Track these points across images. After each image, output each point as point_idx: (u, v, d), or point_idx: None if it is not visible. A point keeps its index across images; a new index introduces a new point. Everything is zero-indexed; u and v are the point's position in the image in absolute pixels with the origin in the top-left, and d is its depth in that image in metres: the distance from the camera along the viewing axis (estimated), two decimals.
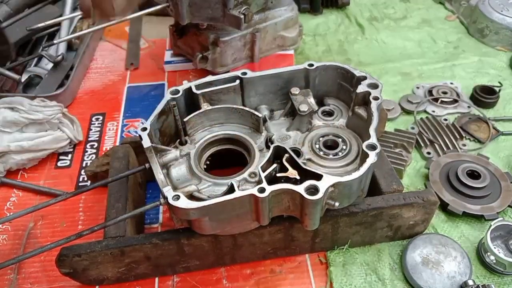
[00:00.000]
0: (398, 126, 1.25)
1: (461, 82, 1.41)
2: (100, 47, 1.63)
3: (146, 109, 1.34)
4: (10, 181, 1.13)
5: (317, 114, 0.97)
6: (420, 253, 0.92)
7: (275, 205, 0.77)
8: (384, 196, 0.89)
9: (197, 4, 1.16)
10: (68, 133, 1.18)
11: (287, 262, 0.95)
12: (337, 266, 0.93)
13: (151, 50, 1.60)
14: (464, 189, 1.03)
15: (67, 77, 1.38)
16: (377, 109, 0.85)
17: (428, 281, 0.88)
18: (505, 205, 1.02)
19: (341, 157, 0.88)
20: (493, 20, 1.55)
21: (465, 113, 1.30)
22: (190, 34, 1.36)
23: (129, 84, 1.45)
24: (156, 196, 1.07)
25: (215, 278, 0.92)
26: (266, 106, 0.98)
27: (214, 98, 0.93)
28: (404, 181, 1.11)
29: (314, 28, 1.70)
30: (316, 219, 0.78)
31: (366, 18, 1.76)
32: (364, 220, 0.89)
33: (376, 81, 0.90)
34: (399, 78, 1.44)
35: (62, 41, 1.40)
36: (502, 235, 0.95)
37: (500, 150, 1.20)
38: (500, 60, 1.51)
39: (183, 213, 0.73)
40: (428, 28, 1.70)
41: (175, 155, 0.86)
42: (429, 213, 0.93)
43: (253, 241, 0.88)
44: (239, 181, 0.80)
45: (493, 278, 0.92)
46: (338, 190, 0.76)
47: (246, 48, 1.36)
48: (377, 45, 1.61)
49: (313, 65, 0.94)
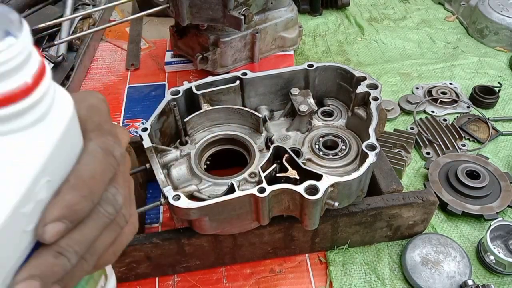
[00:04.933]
0: (397, 126, 1.25)
1: (460, 83, 1.42)
2: (101, 47, 1.63)
3: (147, 109, 1.35)
4: None
5: (316, 114, 0.97)
6: (419, 253, 0.92)
7: (275, 205, 0.77)
8: (384, 196, 0.90)
9: (198, 5, 1.17)
10: None
11: (287, 262, 0.95)
12: (336, 266, 0.94)
13: (152, 51, 1.61)
14: (463, 189, 1.03)
15: (67, 77, 1.38)
16: (376, 109, 0.85)
17: (428, 281, 0.88)
18: (505, 205, 1.02)
19: (340, 157, 0.88)
20: (492, 20, 1.55)
21: (465, 113, 1.30)
22: (191, 35, 1.36)
23: (129, 84, 1.46)
24: (157, 196, 1.07)
25: (215, 278, 0.93)
26: (266, 106, 0.99)
27: (214, 99, 0.93)
28: (404, 181, 1.11)
29: (313, 29, 1.71)
30: (316, 219, 0.78)
31: (366, 19, 1.76)
32: (363, 220, 0.90)
33: (375, 82, 0.90)
34: (399, 78, 1.45)
35: (62, 42, 1.40)
36: (501, 235, 0.96)
37: (500, 150, 1.20)
38: (499, 60, 1.51)
39: (184, 213, 0.73)
40: (427, 28, 1.70)
41: (175, 155, 0.87)
42: (429, 213, 0.93)
43: (253, 241, 0.89)
44: (239, 181, 0.81)
45: (492, 278, 0.92)
46: (337, 190, 0.76)
47: (246, 48, 1.36)
48: (376, 45, 1.62)
49: (313, 65, 0.95)
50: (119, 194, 0.40)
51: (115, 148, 0.40)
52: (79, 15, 1.54)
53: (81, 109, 0.41)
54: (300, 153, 0.88)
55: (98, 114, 0.43)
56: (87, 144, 0.39)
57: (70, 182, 0.35)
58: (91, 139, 0.39)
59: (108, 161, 0.39)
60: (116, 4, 1.50)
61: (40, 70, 0.33)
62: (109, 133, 0.42)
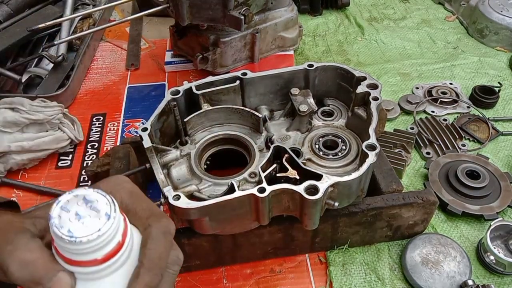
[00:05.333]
0: (397, 126, 1.25)
1: (460, 83, 1.42)
2: (101, 47, 1.63)
3: (147, 109, 1.35)
4: (11, 181, 1.13)
5: (316, 114, 0.97)
6: (419, 253, 0.92)
7: (275, 205, 0.77)
8: (384, 196, 0.90)
9: (198, 5, 1.17)
10: (68, 133, 1.19)
11: (287, 262, 0.95)
12: (336, 266, 0.93)
13: (152, 51, 1.61)
14: (463, 189, 1.03)
15: (67, 77, 1.38)
16: (376, 109, 0.85)
17: (428, 281, 0.88)
18: (505, 205, 1.02)
19: (340, 157, 0.88)
20: (492, 20, 1.55)
21: (465, 113, 1.30)
22: (191, 34, 1.36)
23: (129, 84, 1.46)
24: (157, 196, 1.06)
25: (215, 278, 0.93)
26: (266, 106, 0.99)
27: (214, 99, 0.93)
28: (404, 181, 1.11)
29: (313, 29, 1.71)
30: (316, 219, 0.78)
31: (366, 19, 1.76)
32: (363, 220, 0.90)
33: (375, 82, 0.90)
34: (399, 78, 1.45)
35: (62, 42, 1.40)
36: (501, 235, 0.96)
37: (500, 150, 1.20)
38: (499, 60, 1.51)
39: (184, 213, 0.73)
40: (427, 28, 1.70)
41: (175, 155, 0.87)
42: (429, 213, 0.93)
43: (253, 241, 0.89)
44: (239, 181, 0.81)
45: (492, 278, 0.92)
46: (337, 190, 0.76)
47: (246, 48, 1.36)
48: (376, 45, 1.62)
49: (313, 65, 0.95)
50: (180, 253, 0.54)
51: (170, 227, 0.52)
52: (79, 15, 1.55)
53: (125, 197, 0.52)
54: (300, 153, 0.88)
55: (141, 200, 0.54)
56: (149, 230, 0.50)
57: (145, 266, 0.47)
58: (150, 225, 0.50)
59: (169, 240, 0.52)
60: (116, 4, 1.50)
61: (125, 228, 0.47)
62: (162, 215, 0.53)
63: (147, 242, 0.49)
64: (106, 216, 0.44)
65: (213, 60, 1.32)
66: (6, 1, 1.50)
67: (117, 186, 0.53)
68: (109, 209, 0.45)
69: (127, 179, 0.56)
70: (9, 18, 1.48)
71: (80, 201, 0.45)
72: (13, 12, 1.50)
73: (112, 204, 0.46)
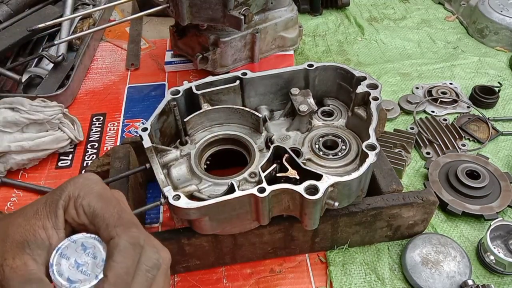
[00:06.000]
0: (397, 126, 1.25)
1: (460, 83, 1.42)
2: (101, 47, 1.63)
3: (147, 109, 1.35)
4: (11, 181, 1.13)
5: (316, 114, 0.97)
6: (419, 253, 0.92)
7: (275, 205, 0.77)
8: (384, 196, 0.90)
9: (198, 5, 1.17)
10: (68, 133, 1.19)
11: (287, 262, 0.95)
12: (336, 266, 0.94)
13: (152, 51, 1.61)
14: (463, 189, 1.03)
15: (67, 77, 1.38)
16: (376, 109, 0.85)
17: (428, 280, 0.88)
18: (505, 205, 1.02)
19: (340, 157, 0.88)
20: (492, 20, 1.55)
21: (465, 113, 1.30)
22: (191, 34, 1.36)
23: (129, 84, 1.46)
24: (157, 196, 1.07)
25: (215, 278, 0.93)
26: (266, 106, 0.99)
27: (214, 99, 0.93)
28: (404, 181, 1.11)
29: (313, 29, 1.71)
30: (316, 219, 0.78)
31: (366, 19, 1.77)
32: (363, 220, 0.90)
33: (375, 82, 0.90)
34: (399, 78, 1.45)
35: (62, 42, 1.40)
36: (501, 235, 0.96)
37: (500, 150, 1.20)
38: (499, 60, 1.51)
39: (184, 213, 0.73)
40: (427, 28, 1.70)
41: (175, 155, 0.87)
42: (429, 213, 0.93)
43: (253, 241, 0.89)
44: (239, 181, 0.81)
45: (492, 278, 0.92)
46: (337, 190, 0.76)
47: (246, 48, 1.36)
48: (376, 45, 1.62)
49: (313, 65, 0.95)
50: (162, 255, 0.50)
51: (140, 238, 0.48)
52: (79, 15, 1.55)
53: (93, 201, 0.48)
54: (300, 153, 0.88)
55: (111, 204, 0.49)
56: (116, 240, 0.46)
57: (110, 281, 0.44)
58: (119, 235, 0.46)
59: (137, 252, 0.47)
60: (116, 4, 1.50)
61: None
62: (132, 224, 0.48)
63: (113, 254, 0.46)
64: (95, 277, 0.46)
65: (213, 60, 1.32)
66: (6, 1, 1.50)
67: (85, 187, 0.49)
68: (105, 255, 0.47)
69: (97, 179, 0.52)
70: (9, 18, 1.48)
71: (78, 248, 0.47)
72: (13, 12, 1.50)
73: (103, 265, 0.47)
